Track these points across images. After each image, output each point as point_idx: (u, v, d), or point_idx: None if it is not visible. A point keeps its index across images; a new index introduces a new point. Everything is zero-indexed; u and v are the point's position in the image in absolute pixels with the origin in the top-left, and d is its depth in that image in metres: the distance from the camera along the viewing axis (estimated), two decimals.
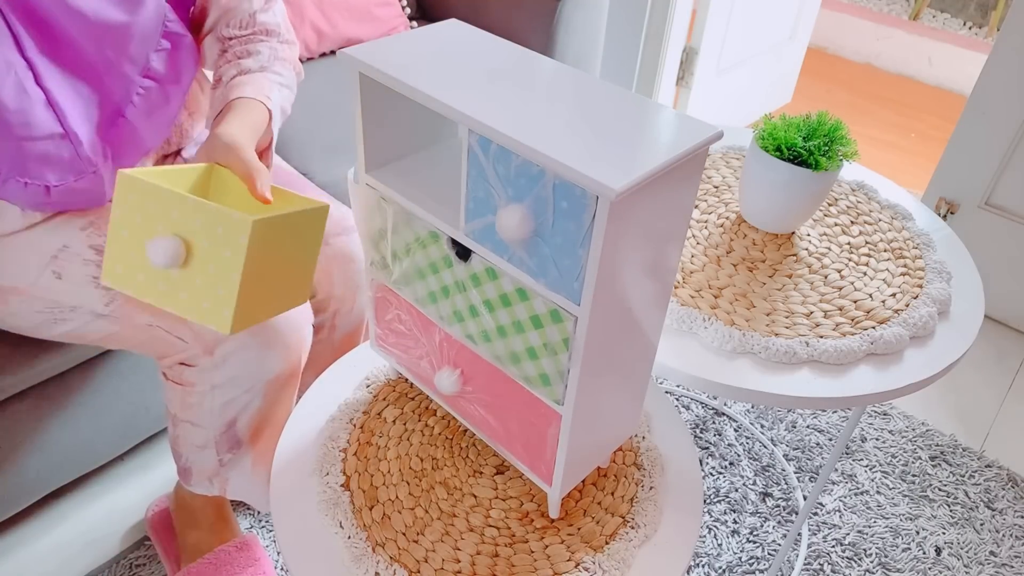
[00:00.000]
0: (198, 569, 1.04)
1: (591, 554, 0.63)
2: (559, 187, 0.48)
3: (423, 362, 0.69)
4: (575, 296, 0.51)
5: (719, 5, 2.02)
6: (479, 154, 0.52)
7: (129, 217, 0.63)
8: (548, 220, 0.50)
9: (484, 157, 0.51)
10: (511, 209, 0.50)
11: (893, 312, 0.83)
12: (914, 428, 1.46)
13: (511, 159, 0.50)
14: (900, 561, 1.22)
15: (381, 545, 0.63)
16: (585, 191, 0.46)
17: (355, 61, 0.56)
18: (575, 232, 0.48)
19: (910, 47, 2.97)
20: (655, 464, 0.71)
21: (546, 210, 0.49)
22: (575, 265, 0.49)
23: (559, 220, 0.49)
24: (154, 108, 0.85)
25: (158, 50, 0.83)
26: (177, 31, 0.85)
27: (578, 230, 0.48)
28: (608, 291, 0.51)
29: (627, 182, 0.44)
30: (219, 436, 0.92)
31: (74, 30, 0.76)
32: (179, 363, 0.87)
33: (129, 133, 0.83)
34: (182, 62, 0.86)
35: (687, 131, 0.51)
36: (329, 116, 1.37)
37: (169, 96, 0.86)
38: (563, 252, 0.50)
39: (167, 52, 0.84)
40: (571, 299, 0.51)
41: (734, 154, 1.09)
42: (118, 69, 0.80)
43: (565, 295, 0.52)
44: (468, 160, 0.52)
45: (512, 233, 0.51)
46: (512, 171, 0.50)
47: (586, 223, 0.47)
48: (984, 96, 1.58)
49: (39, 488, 1.12)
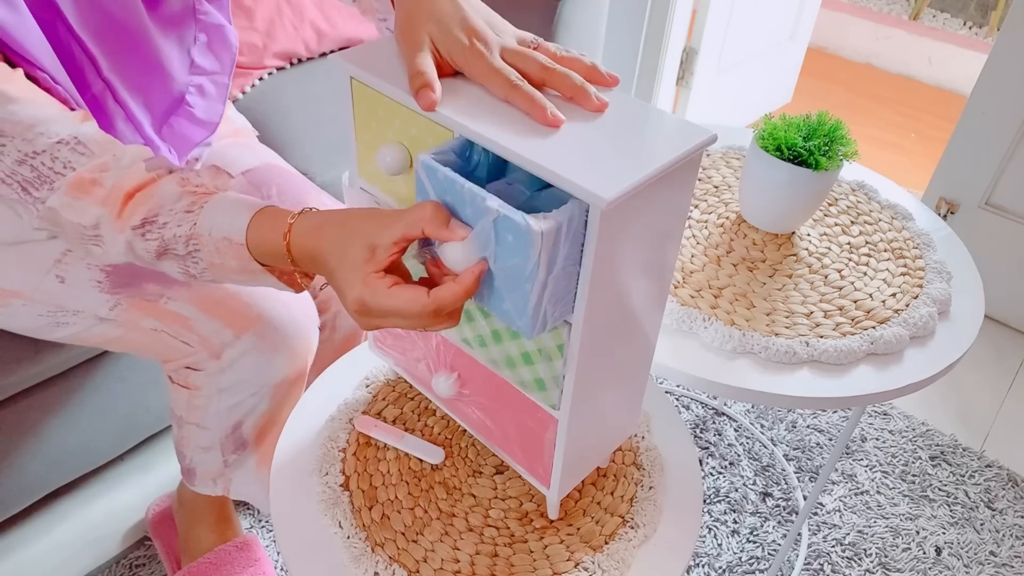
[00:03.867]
0: (198, 569, 1.04)
1: (590, 554, 0.63)
2: (501, 221, 0.45)
3: (421, 365, 0.69)
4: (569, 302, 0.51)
5: (719, 5, 2.02)
6: (425, 181, 0.50)
7: (365, 123, 0.60)
8: (492, 253, 0.47)
9: (430, 184, 0.50)
10: (452, 243, 0.49)
11: (893, 312, 0.83)
12: (914, 428, 1.46)
13: (456, 187, 0.48)
14: (900, 561, 1.22)
15: (380, 545, 0.63)
16: (529, 227, 0.43)
17: (346, 66, 0.56)
18: (521, 267, 0.46)
19: (910, 47, 2.97)
20: (655, 464, 0.71)
21: (489, 243, 0.47)
22: (523, 299, 0.47)
23: (504, 254, 0.47)
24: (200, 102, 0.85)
25: (197, 44, 0.83)
26: (212, 21, 0.84)
27: (524, 265, 0.45)
28: (602, 297, 0.51)
29: (618, 191, 0.44)
30: (224, 438, 0.92)
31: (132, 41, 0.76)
32: (185, 367, 0.87)
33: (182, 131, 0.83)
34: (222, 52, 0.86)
35: (680, 135, 0.50)
36: (329, 116, 1.37)
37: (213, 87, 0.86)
38: (510, 286, 0.48)
39: (205, 44, 0.84)
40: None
41: (734, 154, 1.09)
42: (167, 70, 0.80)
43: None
44: (416, 188, 0.51)
45: (457, 266, 0.49)
46: (459, 200, 0.48)
47: (532, 259, 0.45)
48: (984, 96, 1.58)
49: (39, 488, 1.12)
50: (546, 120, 0.50)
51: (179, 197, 0.62)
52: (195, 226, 0.61)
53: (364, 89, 0.57)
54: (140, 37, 0.77)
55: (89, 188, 0.62)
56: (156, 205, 0.62)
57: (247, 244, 0.60)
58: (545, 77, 0.54)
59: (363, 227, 0.52)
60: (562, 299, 0.50)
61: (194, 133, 0.85)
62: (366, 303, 0.51)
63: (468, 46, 0.54)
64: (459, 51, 0.54)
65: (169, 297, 0.83)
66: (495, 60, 0.54)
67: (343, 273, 0.52)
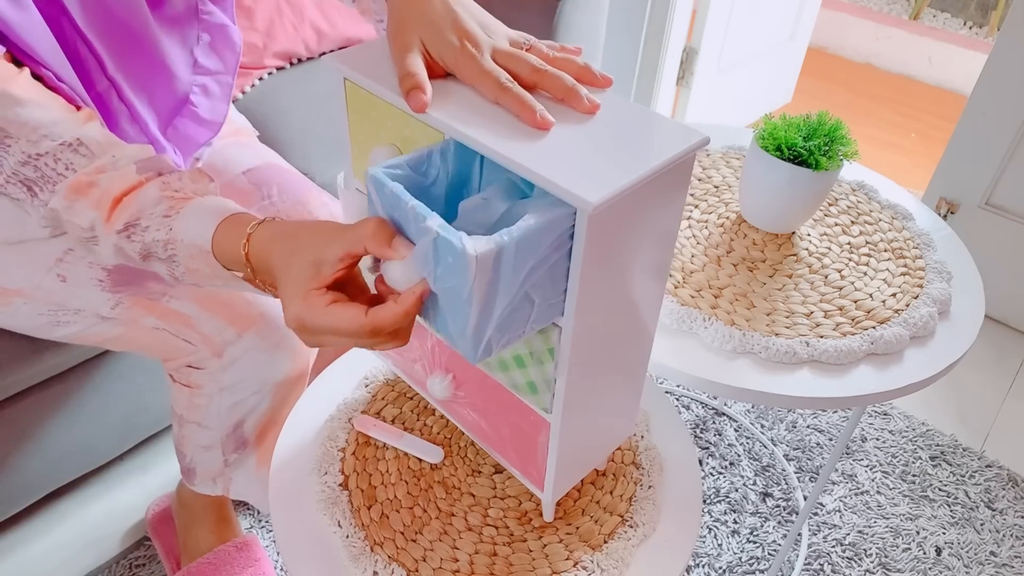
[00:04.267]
0: (198, 569, 1.04)
1: (589, 553, 0.63)
2: (440, 242, 0.43)
3: (416, 366, 0.69)
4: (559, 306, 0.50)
5: (719, 5, 2.02)
6: (373, 196, 0.49)
7: (359, 124, 0.60)
8: (432, 274, 0.46)
9: (378, 199, 0.48)
10: (393, 262, 0.48)
11: (893, 312, 0.83)
12: (914, 428, 1.45)
13: (400, 204, 0.46)
14: (900, 561, 1.22)
15: (379, 544, 0.63)
16: (464, 250, 0.42)
17: (339, 68, 0.56)
18: (459, 290, 0.44)
19: (910, 47, 2.97)
20: (654, 463, 0.71)
21: (429, 264, 0.45)
22: (463, 323, 0.45)
23: (443, 275, 0.45)
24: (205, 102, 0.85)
25: (200, 44, 0.83)
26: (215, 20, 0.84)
27: (462, 288, 0.43)
28: (593, 300, 0.50)
29: (605, 195, 0.43)
30: (225, 437, 0.92)
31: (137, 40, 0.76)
32: (187, 365, 0.87)
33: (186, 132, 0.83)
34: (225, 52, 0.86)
35: (672, 138, 0.49)
36: (329, 116, 1.37)
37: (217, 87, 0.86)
38: (452, 309, 0.46)
39: (208, 44, 0.84)
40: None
41: (734, 154, 1.09)
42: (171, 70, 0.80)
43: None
44: (368, 203, 0.50)
45: (397, 285, 0.48)
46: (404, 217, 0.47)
47: (468, 283, 0.43)
48: (984, 96, 1.58)
49: (39, 488, 1.12)
50: (535, 122, 0.50)
51: (158, 201, 0.62)
52: (171, 231, 0.61)
53: (357, 90, 0.57)
54: (144, 36, 0.77)
55: (86, 190, 0.62)
56: (138, 209, 0.62)
57: (213, 251, 0.60)
58: (536, 79, 0.53)
59: (310, 243, 0.51)
60: (518, 325, 0.48)
61: (199, 134, 0.85)
62: (303, 320, 0.50)
63: (459, 48, 0.54)
64: (450, 53, 0.54)
65: (171, 296, 0.83)
66: (486, 62, 0.53)
67: (286, 288, 0.52)
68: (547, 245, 0.45)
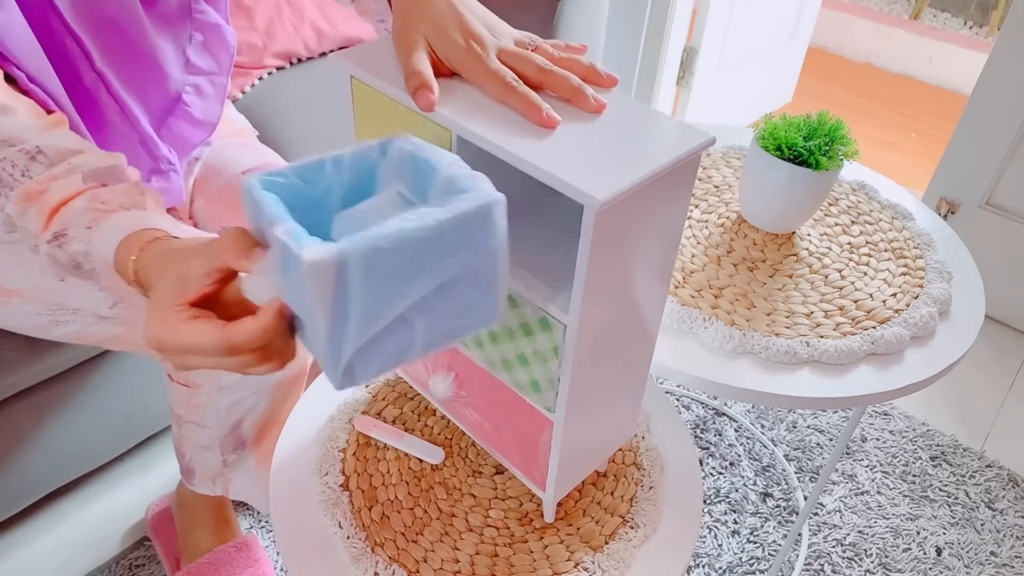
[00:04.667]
0: (198, 569, 1.04)
1: (590, 554, 0.63)
2: (285, 249, 0.38)
3: (418, 365, 0.69)
4: (564, 304, 0.50)
5: (719, 5, 2.02)
6: (246, 204, 0.45)
7: (365, 123, 0.60)
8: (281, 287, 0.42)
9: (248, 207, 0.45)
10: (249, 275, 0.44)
11: (894, 312, 0.83)
12: (914, 428, 1.45)
13: (262, 211, 0.42)
14: (900, 561, 1.22)
15: (380, 545, 0.63)
16: (300, 257, 0.37)
17: (345, 65, 0.56)
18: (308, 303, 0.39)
19: (910, 47, 2.97)
20: (655, 464, 0.71)
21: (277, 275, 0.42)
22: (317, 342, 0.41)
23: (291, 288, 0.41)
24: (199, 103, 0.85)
25: (193, 43, 0.83)
26: (208, 19, 0.84)
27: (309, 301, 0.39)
28: (598, 299, 0.50)
29: (611, 192, 0.43)
30: (224, 437, 0.92)
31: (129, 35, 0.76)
32: None
33: (180, 132, 0.83)
34: (219, 51, 0.86)
35: (678, 138, 0.50)
36: (329, 116, 1.37)
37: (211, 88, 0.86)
38: (310, 325, 0.41)
39: (202, 43, 0.84)
40: (560, 307, 0.51)
41: (734, 154, 1.09)
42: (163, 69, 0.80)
43: (554, 303, 0.50)
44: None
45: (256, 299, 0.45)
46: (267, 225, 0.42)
47: (310, 294, 0.38)
48: (984, 96, 1.57)
49: (39, 488, 1.12)
50: (542, 121, 0.50)
51: (83, 213, 0.60)
52: (90, 243, 0.59)
53: (363, 88, 0.57)
54: (135, 34, 0.77)
55: (36, 198, 0.61)
56: (66, 220, 0.60)
57: (116, 266, 0.58)
58: (542, 79, 0.53)
59: (178, 258, 0.49)
60: (395, 352, 0.42)
61: (192, 134, 0.85)
62: (160, 338, 0.47)
63: (464, 48, 0.54)
64: (455, 53, 0.54)
65: None
66: (491, 62, 0.53)
67: (150, 306, 0.49)
68: (430, 261, 0.40)
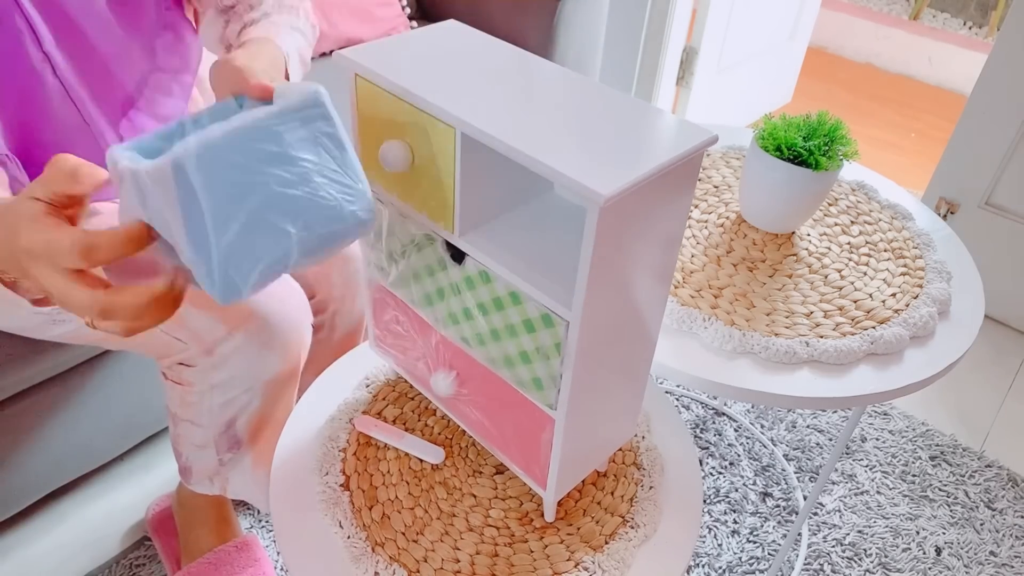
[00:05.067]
0: (198, 569, 1.04)
1: (591, 554, 0.63)
2: (132, 172, 0.42)
3: (420, 364, 0.69)
4: (567, 301, 0.51)
5: (719, 5, 2.02)
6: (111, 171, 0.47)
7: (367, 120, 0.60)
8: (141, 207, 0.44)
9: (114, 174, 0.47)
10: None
11: (893, 312, 0.83)
12: (914, 428, 1.46)
13: (115, 166, 0.45)
14: (900, 561, 1.22)
15: (380, 545, 0.63)
16: (138, 169, 0.41)
17: (350, 62, 0.56)
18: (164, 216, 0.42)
19: (910, 47, 2.97)
20: (655, 464, 0.71)
21: (133, 197, 0.44)
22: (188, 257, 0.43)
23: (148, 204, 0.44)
24: (163, 99, 0.84)
25: (161, 39, 0.83)
26: (176, 19, 0.84)
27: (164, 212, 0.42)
28: (600, 296, 0.51)
29: (616, 188, 0.44)
30: (218, 435, 0.92)
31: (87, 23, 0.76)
32: (178, 363, 0.87)
33: (142, 126, 0.83)
34: (186, 50, 0.86)
35: (681, 136, 0.50)
36: None
37: (177, 86, 0.86)
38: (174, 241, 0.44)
39: (170, 41, 0.84)
40: (563, 304, 0.51)
41: (734, 154, 1.09)
42: (126, 61, 0.80)
43: (557, 300, 0.51)
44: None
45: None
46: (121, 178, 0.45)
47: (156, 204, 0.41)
48: (984, 96, 1.58)
49: (39, 488, 1.12)
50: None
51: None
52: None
53: (367, 86, 0.57)
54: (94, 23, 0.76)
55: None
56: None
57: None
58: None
59: (8, 210, 0.48)
60: (271, 254, 0.44)
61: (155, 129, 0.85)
62: (17, 237, 0.46)
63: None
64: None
65: None
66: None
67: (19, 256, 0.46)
68: (268, 155, 0.42)
